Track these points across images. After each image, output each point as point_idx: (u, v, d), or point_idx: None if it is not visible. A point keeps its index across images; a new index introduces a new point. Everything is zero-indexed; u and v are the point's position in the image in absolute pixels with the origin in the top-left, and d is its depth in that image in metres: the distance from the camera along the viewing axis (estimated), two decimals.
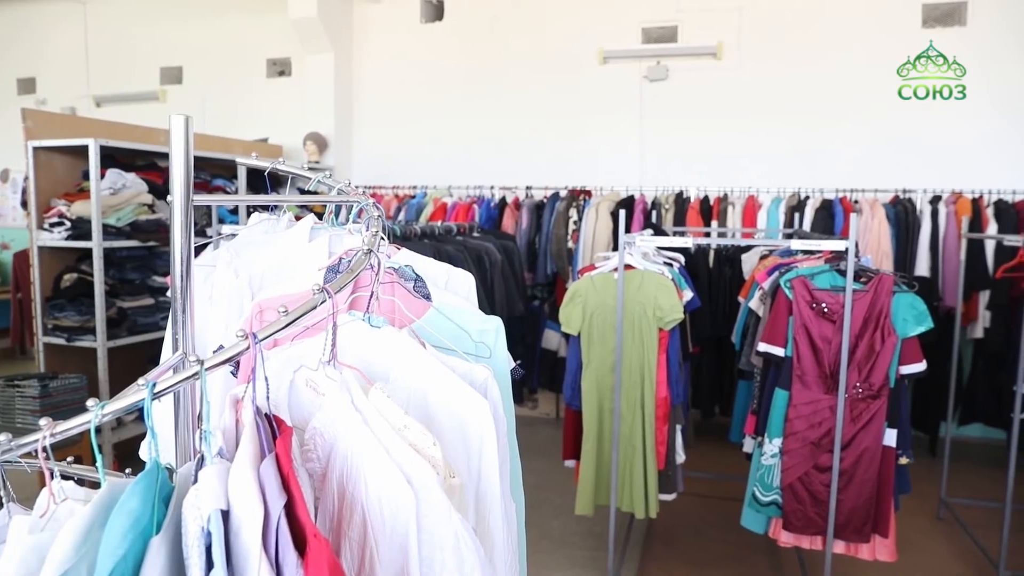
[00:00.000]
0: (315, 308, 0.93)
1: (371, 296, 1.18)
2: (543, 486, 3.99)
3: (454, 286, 1.50)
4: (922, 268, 4.23)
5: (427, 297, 1.31)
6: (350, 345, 1.12)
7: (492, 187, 5.53)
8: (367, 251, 1.14)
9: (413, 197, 5.52)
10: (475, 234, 3.99)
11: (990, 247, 4.11)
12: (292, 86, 6.18)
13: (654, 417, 2.67)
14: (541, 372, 4.88)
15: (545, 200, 5.05)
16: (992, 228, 4.19)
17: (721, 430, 3.84)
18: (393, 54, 5.96)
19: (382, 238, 1.24)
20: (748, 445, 2.83)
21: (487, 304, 3.37)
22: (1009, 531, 3.05)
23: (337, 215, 1.67)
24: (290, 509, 0.74)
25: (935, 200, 4.40)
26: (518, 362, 4.62)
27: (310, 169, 1.57)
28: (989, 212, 4.27)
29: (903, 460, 2.56)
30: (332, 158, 5.88)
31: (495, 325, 1.29)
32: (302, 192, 3.60)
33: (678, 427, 2.79)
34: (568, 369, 2.85)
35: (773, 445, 2.57)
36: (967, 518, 3.64)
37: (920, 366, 2.46)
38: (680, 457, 2.85)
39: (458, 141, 5.82)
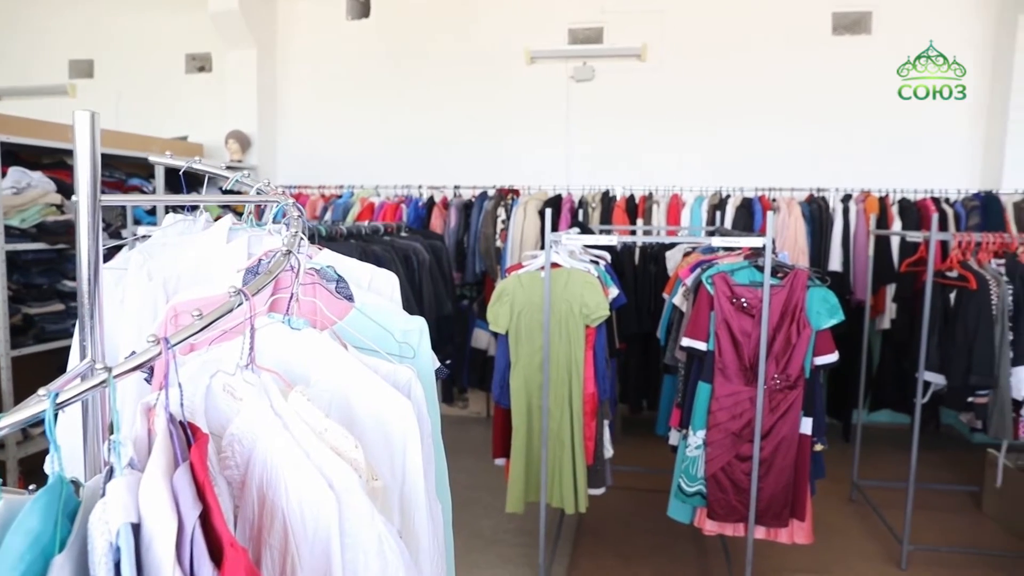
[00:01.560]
0: (232, 311, 0.91)
1: (291, 298, 1.16)
2: (474, 485, 3.99)
3: (378, 286, 1.49)
4: (835, 263, 4.43)
5: (349, 298, 1.30)
6: (269, 348, 1.09)
7: (420, 187, 5.50)
8: (286, 252, 1.12)
9: (340, 197, 5.44)
10: (403, 234, 3.96)
11: (895, 243, 4.33)
12: (213, 82, 5.98)
13: (582, 413, 2.71)
14: (471, 371, 4.88)
15: (473, 199, 5.05)
16: (897, 225, 4.43)
17: (649, 424, 3.93)
18: (319, 51, 5.85)
19: (302, 238, 1.22)
20: (674, 438, 2.90)
21: (415, 304, 3.35)
22: (913, 509, 3.24)
23: (262, 216, 1.63)
24: (206, 519, 0.72)
25: (846, 199, 4.62)
26: (447, 362, 4.61)
27: (230, 168, 1.53)
28: (894, 210, 4.50)
29: (818, 447, 2.68)
30: (256, 157, 5.73)
31: (419, 325, 1.29)
32: (224, 192, 3.49)
33: (606, 422, 2.84)
34: (496, 367, 2.86)
35: (697, 437, 2.64)
36: (877, 499, 3.83)
37: (833, 357, 2.58)
38: (608, 452, 2.90)
39: (386, 140, 5.76)
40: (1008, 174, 4.75)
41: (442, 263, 3.94)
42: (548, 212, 2.61)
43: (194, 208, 1.81)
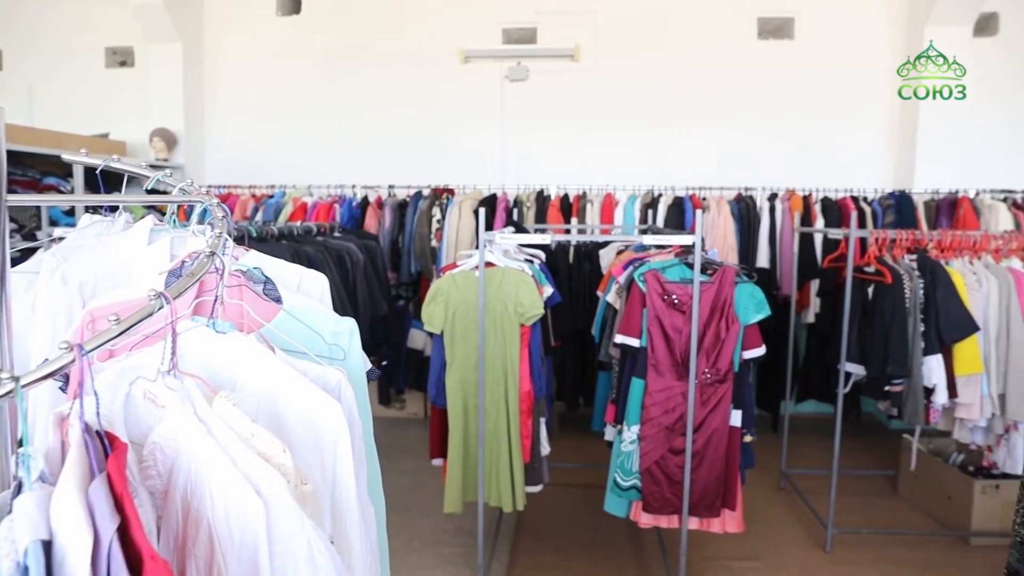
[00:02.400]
0: (152, 315, 0.88)
1: (216, 300, 1.13)
2: (413, 487, 3.96)
3: (307, 288, 1.46)
4: (762, 260, 4.57)
5: (278, 300, 1.27)
6: (193, 353, 1.06)
7: (354, 186, 5.43)
8: (210, 253, 1.09)
9: (271, 197, 5.31)
10: (336, 234, 3.90)
11: (818, 240, 4.50)
12: (135, 78, 5.74)
13: (518, 411, 2.72)
14: (408, 372, 4.84)
15: (408, 199, 5.01)
16: (820, 223, 4.60)
17: (585, 421, 3.98)
18: (248, 47, 5.69)
19: (227, 239, 1.19)
20: (609, 433, 2.95)
21: (349, 306, 3.31)
22: (836, 494, 3.39)
23: (189, 216, 1.58)
24: (125, 532, 0.70)
25: (772, 198, 4.78)
26: (383, 363, 4.56)
27: (153, 167, 1.47)
28: (817, 208, 4.68)
29: (747, 438, 2.76)
30: (182, 155, 5.54)
31: (349, 326, 1.27)
32: (148, 192, 3.37)
33: (542, 420, 2.86)
34: (432, 368, 2.84)
35: (631, 432, 2.69)
36: (803, 486, 3.98)
37: (760, 350, 2.66)
38: (545, 449, 2.92)
39: (319, 139, 5.66)
40: (919, 175, 5.01)
41: (376, 263, 3.90)
42: (482, 211, 2.61)
43: (114, 209, 1.74)
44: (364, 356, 1.36)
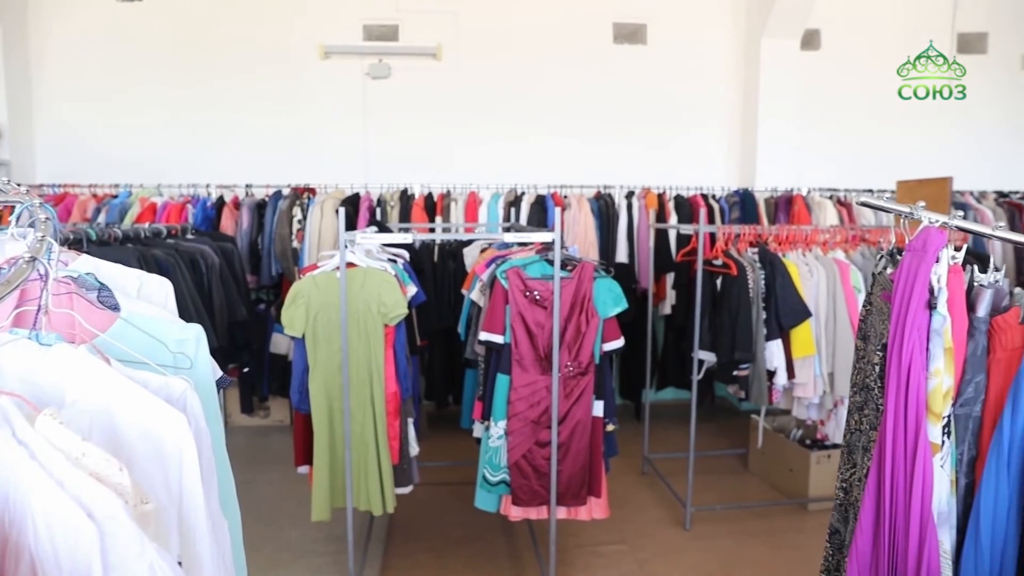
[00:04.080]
0: None
1: (39, 310, 1.04)
2: (279, 497, 3.83)
3: (148, 293, 1.38)
4: (621, 255, 4.77)
5: (114, 308, 1.18)
6: (14, 368, 0.97)
7: (208, 185, 5.15)
8: (31, 259, 1.00)
9: (115, 197, 4.93)
10: (189, 236, 3.70)
11: (672, 235, 4.75)
12: None
13: (385, 413, 2.69)
14: (271, 378, 4.66)
15: (267, 199, 4.81)
16: (673, 219, 4.86)
17: (455, 419, 3.99)
18: (84, 32, 5.23)
19: (52, 243, 1.10)
20: (477, 430, 2.97)
21: (205, 311, 3.14)
22: (694, 475, 3.60)
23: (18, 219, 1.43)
24: None
25: (629, 195, 4.99)
26: (245, 370, 4.34)
27: None
28: (671, 206, 4.93)
29: (610, 427, 2.87)
30: (7, 151, 5.02)
31: (195, 333, 1.20)
32: None
33: (410, 420, 2.85)
34: (294, 372, 2.75)
35: (498, 427, 2.73)
36: (664, 469, 4.20)
37: (619, 342, 2.77)
38: (414, 449, 2.90)
39: (169, 135, 5.31)
40: (760, 175, 5.42)
41: (234, 266, 3.73)
42: (342, 211, 2.56)
43: None
44: (214, 363, 1.29)
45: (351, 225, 4.33)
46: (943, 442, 1.34)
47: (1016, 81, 5.97)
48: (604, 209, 4.84)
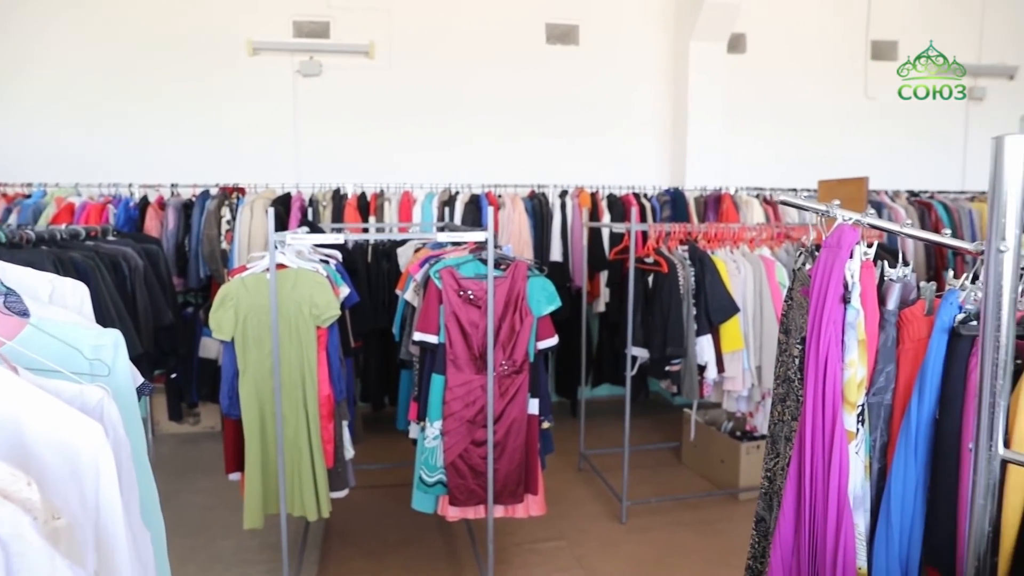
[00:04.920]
0: None
1: None
2: (211, 506, 3.72)
3: (62, 298, 1.32)
4: (556, 254, 4.81)
5: (23, 313, 1.13)
6: None
7: (131, 185, 4.96)
8: None
9: (28, 197, 4.70)
10: (111, 238, 3.57)
11: (606, 234, 4.82)
12: None
13: (318, 416, 2.64)
14: (201, 384, 4.52)
15: (194, 198, 4.67)
16: (607, 218, 4.93)
17: (391, 420, 3.95)
18: None
19: None
20: (413, 431, 2.96)
21: (129, 316, 3.03)
22: (629, 469, 3.67)
23: None
24: None
25: (563, 194, 5.04)
26: (173, 376, 4.21)
27: None
28: (604, 204, 5.01)
29: (545, 425, 2.90)
30: None
31: (112, 339, 1.16)
32: None
33: (344, 423, 2.81)
34: (223, 377, 2.68)
35: (434, 428, 2.72)
36: (600, 465, 4.26)
37: (553, 340, 2.80)
38: (349, 452, 2.87)
39: (87, 132, 5.08)
40: (690, 174, 5.55)
41: (159, 269, 3.62)
42: (271, 211, 2.50)
43: None
44: (135, 370, 1.25)
45: (282, 225, 4.24)
46: (858, 430, 1.40)
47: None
48: (538, 208, 4.88)
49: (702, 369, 3.51)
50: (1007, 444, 1.11)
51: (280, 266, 2.60)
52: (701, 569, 3.17)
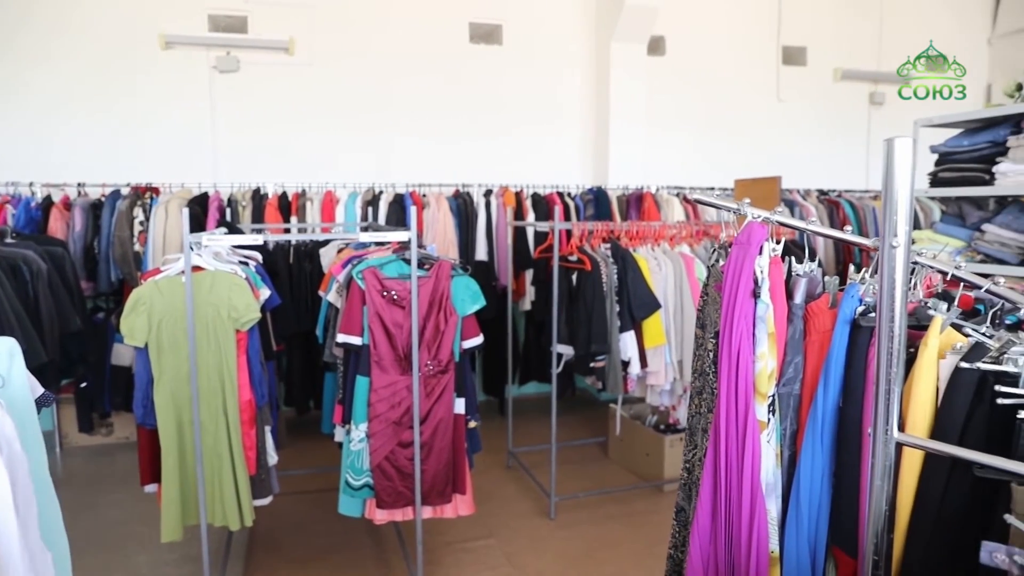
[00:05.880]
0: None
1: None
2: (126, 520, 3.58)
3: None
4: (481, 253, 4.82)
5: None
6: None
7: (32, 184, 4.69)
8: None
9: None
10: (9, 240, 3.37)
11: (531, 233, 4.86)
12: None
13: (239, 422, 2.57)
14: (114, 393, 4.32)
15: (103, 198, 4.46)
16: (531, 217, 4.97)
17: (317, 424, 3.88)
18: None
19: None
20: (338, 434, 2.91)
21: (32, 322, 2.87)
22: (557, 465, 3.71)
23: None
24: None
25: (487, 193, 5.05)
26: (83, 385, 4.03)
27: None
28: (528, 203, 5.04)
29: (472, 424, 2.90)
30: None
31: (7, 348, 1.10)
32: None
33: (267, 428, 2.74)
34: (137, 385, 2.56)
35: (360, 430, 2.68)
36: (529, 462, 4.29)
37: (478, 339, 2.81)
38: (272, 459, 2.80)
39: None
40: (613, 173, 5.65)
41: (65, 273, 3.44)
42: (186, 211, 2.41)
43: None
44: (33, 380, 1.19)
45: (199, 226, 4.10)
46: (769, 419, 1.46)
47: (831, 91, 6.60)
48: (463, 208, 4.87)
49: (626, 365, 3.58)
50: (901, 428, 1.18)
51: (196, 268, 2.51)
52: (628, 560, 3.24)
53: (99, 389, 4.36)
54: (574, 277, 3.62)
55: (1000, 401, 1.12)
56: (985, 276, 1.42)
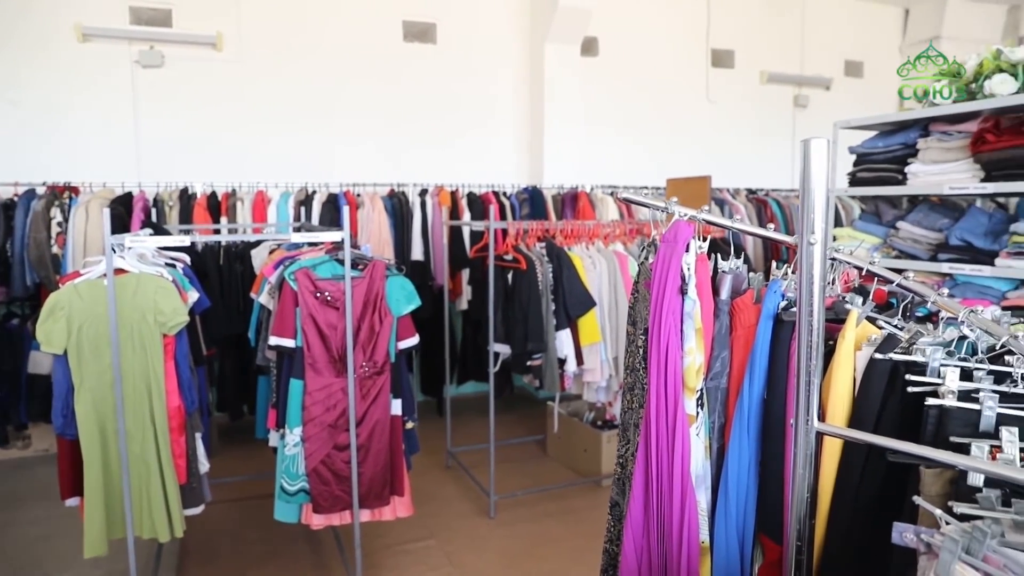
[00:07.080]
0: None
1: None
2: (46, 536, 3.43)
3: None
4: (417, 253, 4.79)
5: None
6: None
7: None
8: None
9: None
10: None
11: (467, 232, 4.86)
12: None
13: (167, 430, 2.49)
14: (31, 403, 4.12)
15: (16, 198, 4.24)
16: (467, 216, 4.97)
17: (251, 430, 3.79)
18: None
19: None
20: (273, 439, 2.86)
21: None
22: (495, 464, 3.73)
23: None
24: None
25: (423, 193, 5.02)
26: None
27: None
28: (464, 203, 5.04)
29: (409, 425, 2.89)
30: None
31: None
32: None
33: (198, 435, 2.66)
34: (56, 394, 2.45)
35: (294, 435, 2.64)
36: (468, 461, 4.30)
37: (414, 340, 2.79)
38: (204, 466, 2.72)
39: None
40: (548, 173, 5.70)
41: None
42: (107, 212, 2.32)
43: None
44: None
45: (123, 227, 3.94)
46: (697, 413, 1.50)
47: (757, 93, 6.82)
48: (398, 207, 4.83)
49: (562, 363, 3.62)
50: (822, 418, 1.23)
51: (120, 271, 2.42)
52: (568, 556, 3.27)
53: (14, 399, 4.15)
54: (510, 276, 3.64)
55: (910, 389, 1.19)
56: (897, 271, 1.49)
